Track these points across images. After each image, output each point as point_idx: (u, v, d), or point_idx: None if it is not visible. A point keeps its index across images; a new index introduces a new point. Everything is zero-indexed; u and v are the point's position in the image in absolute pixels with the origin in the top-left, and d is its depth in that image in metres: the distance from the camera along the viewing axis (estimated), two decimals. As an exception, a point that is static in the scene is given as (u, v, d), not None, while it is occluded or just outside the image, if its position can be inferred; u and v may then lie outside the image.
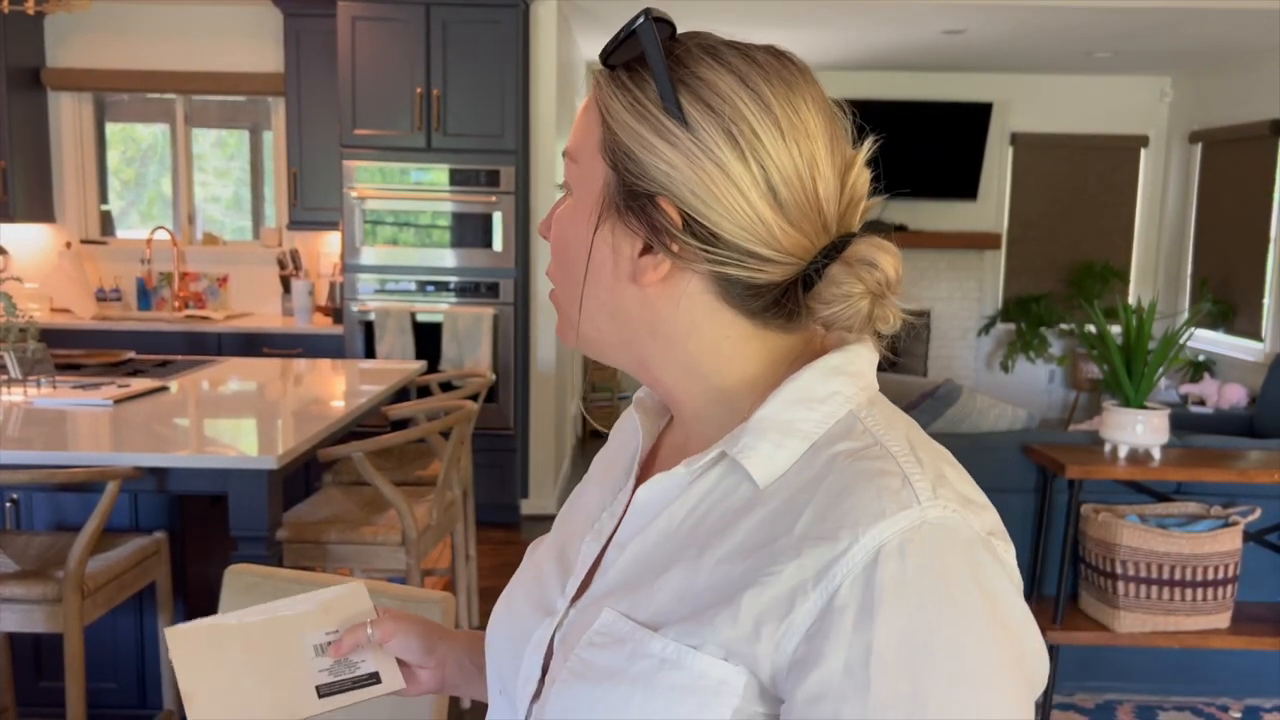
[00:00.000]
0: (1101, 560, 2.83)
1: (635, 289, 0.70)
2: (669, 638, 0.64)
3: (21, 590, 2.12)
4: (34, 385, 2.86)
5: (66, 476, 2.12)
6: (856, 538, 0.61)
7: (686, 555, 0.68)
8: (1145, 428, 2.83)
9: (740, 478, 0.68)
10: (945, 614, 0.59)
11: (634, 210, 0.69)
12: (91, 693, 2.34)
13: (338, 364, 3.79)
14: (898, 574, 0.60)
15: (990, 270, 7.35)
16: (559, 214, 0.75)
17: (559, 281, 0.76)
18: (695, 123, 0.67)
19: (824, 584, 0.61)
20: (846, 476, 0.64)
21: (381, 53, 4.49)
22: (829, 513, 0.63)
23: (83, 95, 5.21)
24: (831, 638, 0.60)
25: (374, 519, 2.70)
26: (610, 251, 0.71)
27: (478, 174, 4.53)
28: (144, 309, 5.18)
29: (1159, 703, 3.16)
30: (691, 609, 0.65)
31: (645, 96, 0.68)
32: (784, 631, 0.61)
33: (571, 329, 0.75)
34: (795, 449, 0.67)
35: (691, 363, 0.72)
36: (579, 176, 0.73)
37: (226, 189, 5.67)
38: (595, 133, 0.71)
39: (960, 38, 5.76)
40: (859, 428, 0.68)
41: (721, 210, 0.67)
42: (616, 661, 0.66)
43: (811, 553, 0.62)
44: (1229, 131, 6.32)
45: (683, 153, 0.67)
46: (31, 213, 5.03)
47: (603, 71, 0.72)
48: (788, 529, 0.64)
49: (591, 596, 0.73)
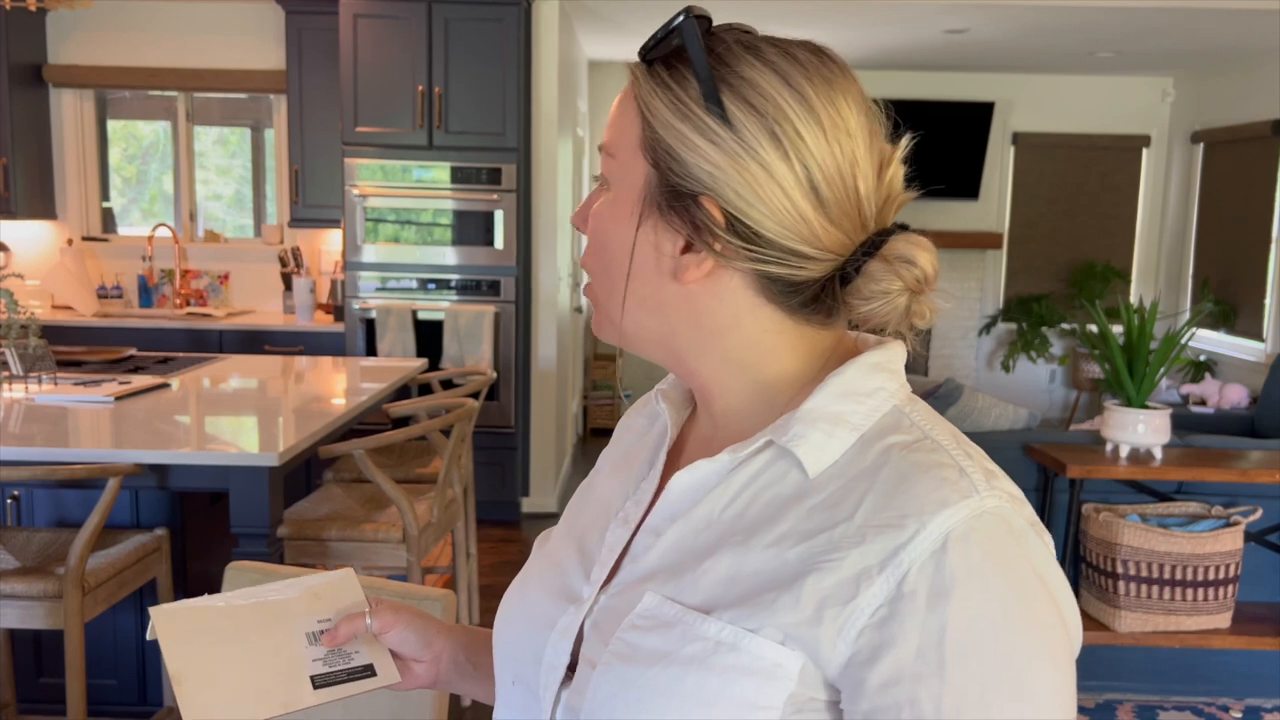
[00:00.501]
0: (1102, 560, 2.83)
1: (677, 285, 0.71)
2: (724, 620, 0.65)
3: (22, 586, 2.12)
4: (35, 382, 2.86)
5: (67, 473, 2.12)
6: (923, 524, 0.62)
7: (732, 541, 0.69)
8: (1147, 427, 2.83)
9: (787, 466, 0.70)
10: (1010, 596, 0.62)
11: (676, 209, 0.70)
12: (92, 689, 2.34)
13: (339, 361, 3.79)
14: (965, 559, 0.62)
15: (991, 270, 7.34)
16: (597, 209, 0.75)
17: (598, 276, 0.75)
18: (738, 122, 0.67)
19: (891, 569, 0.62)
20: (904, 467, 0.66)
21: (383, 50, 4.49)
22: (891, 501, 0.64)
23: (84, 92, 5.21)
24: (903, 622, 0.61)
25: (375, 516, 2.70)
26: (653, 249, 0.71)
27: (479, 172, 4.53)
28: (145, 306, 5.18)
29: (1159, 702, 3.16)
30: (743, 593, 0.66)
31: (687, 95, 0.68)
32: (848, 616, 0.62)
33: (611, 324, 0.75)
34: (845, 439, 0.69)
35: (731, 356, 0.73)
36: (617, 172, 0.72)
37: (228, 186, 5.67)
38: (634, 129, 0.71)
39: (962, 37, 5.75)
40: (905, 422, 0.70)
41: (765, 210, 0.68)
42: (667, 644, 0.66)
43: (876, 539, 0.63)
44: (1231, 132, 6.31)
45: (726, 153, 0.67)
46: (33, 209, 5.03)
47: (640, 66, 0.71)
48: (847, 516, 0.65)
49: (625, 582, 0.73)
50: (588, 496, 0.87)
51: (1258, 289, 6.00)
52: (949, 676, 0.60)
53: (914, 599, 0.61)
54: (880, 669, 0.61)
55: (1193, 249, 6.80)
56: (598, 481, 0.87)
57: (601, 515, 0.81)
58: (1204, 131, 6.62)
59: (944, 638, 0.60)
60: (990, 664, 0.60)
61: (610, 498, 0.82)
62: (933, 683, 0.60)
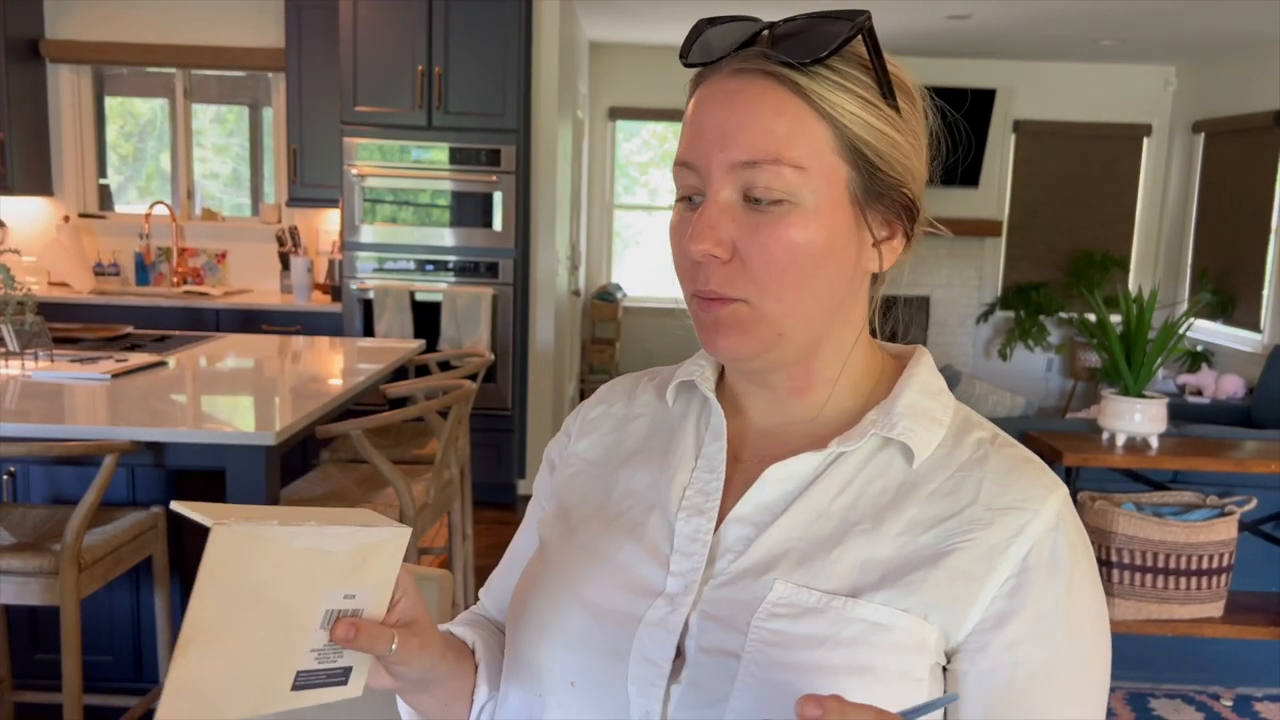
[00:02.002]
0: (1097, 548, 2.84)
1: (852, 282, 0.75)
2: (875, 603, 0.70)
3: (18, 563, 2.12)
4: (31, 358, 2.86)
5: (64, 450, 2.12)
6: (1042, 506, 0.73)
7: (858, 529, 0.73)
8: (1143, 417, 2.84)
9: (889, 457, 0.76)
10: (1093, 567, 0.75)
11: (878, 206, 0.74)
12: (87, 666, 2.34)
13: (336, 342, 3.78)
14: (1070, 535, 0.73)
15: (990, 258, 7.34)
16: (784, 230, 0.70)
17: (777, 294, 0.72)
18: (907, 114, 0.73)
19: (1018, 544, 0.71)
20: (1005, 460, 0.75)
21: (383, 29, 4.46)
22: (1007, 487, 0.74)
23: (82, 68, 5.18)
24: (1029, 591, 0.71)
25: (371, 497, 2.70)
26: (855, 248, 0.74)
27: (478, 153, 4.51)
28: (142, 284, 5.17)
29: (1151, 690, 3.17)
30: (883, 576, 0.71)
31: (868, 93, 0.71)
32: (982, 587, 0.71)
33: (768, 332, 0.73)
34: (939, 433, 0.77)
35: (844, 349, 0.78)
36: (807, 181, 0.70)
37: (225, 165, 5.65)
38: (820, 135, 0.70)
39: (965, 23, 5.73)
40: (975, 418, 0.80)
41: (922, 193, 0.76)
42: (822, 628, 0.70)
43: (1004, 520, 0.72)
44: (1232, 122, 6.30)
45: (910, 144, 0.74)
46: (30, 186, 5.01)
47: (801, 71, 0.70)
48: (970, 501, 0.73)
49: (735, 573, 0.74)
50: (595, 484, 0.85)
51: (1256, 280, 6.00)
52: (1060, 637, 0.71)
53: (1037, 571, 0.71)
54: (1007, 631, 0.70)
55: (1192, 239, 6.79)
56: (598, 470, 0.86)
57: (643, 506, 0.80)
58: (1205, 121, 6.60)
59: (1061, 603, 0.71)
60: (1094, 623, 0.73)
61: (641, 488, 0.81)
62: (1051, 641, 0.70)
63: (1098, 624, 0.73)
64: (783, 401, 0.79)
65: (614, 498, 0.83)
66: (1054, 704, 0.71)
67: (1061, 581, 0.71)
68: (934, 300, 7.37)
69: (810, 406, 0.78)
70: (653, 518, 0.79)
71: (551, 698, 0.77)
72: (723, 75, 0.72)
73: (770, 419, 0.79)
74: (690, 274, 0.74)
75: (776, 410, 0.79)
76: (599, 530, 0.81)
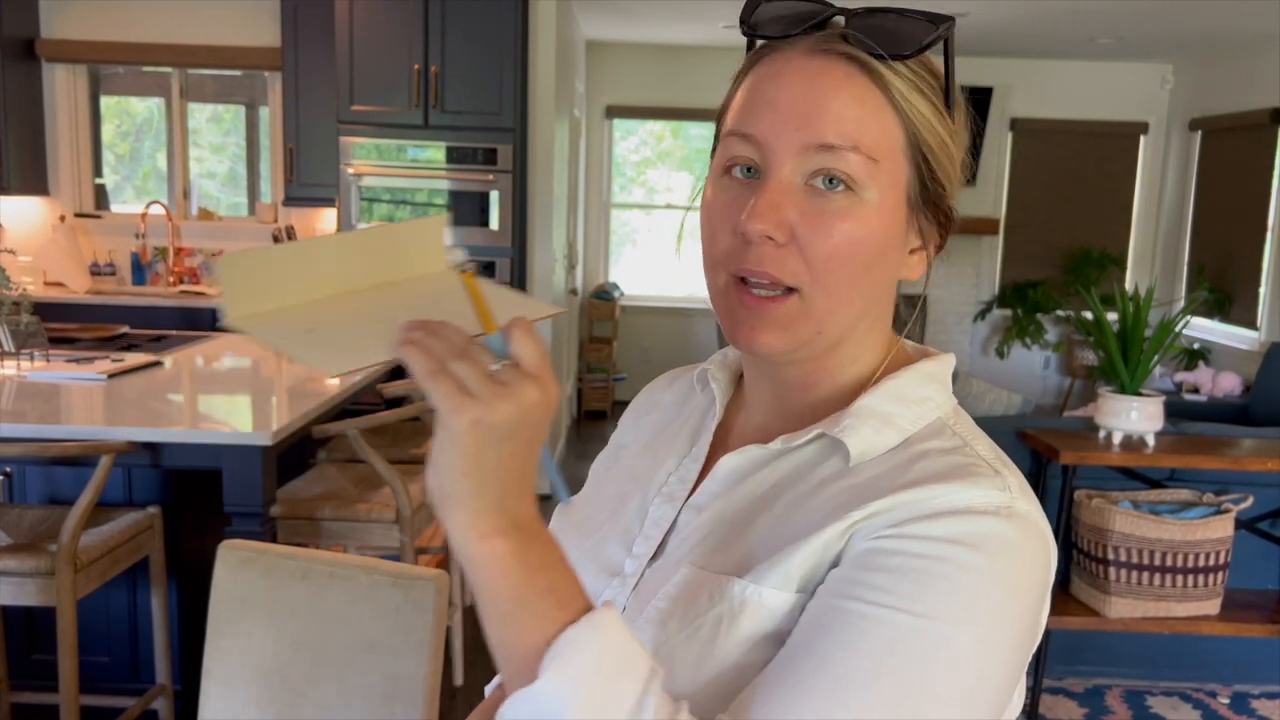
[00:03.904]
0: (1094, 546, 2.84)
1: (890, 287, 0.75)
2: (747, 580, 0.67)
3: (15, 563, 2.11)
4: (27, 358, 2.85)
5: (60, 450, 2.11)
6: (951, 493, 0.65)
7: (770, 515, 0.72)
8: (1140, 415, 2.84)
9: (831, 455, 0.72)
10: (1005, 579, 0.63)
11: (926, 211, 0.73)
12: (84, 667, 2.34)
13: (333, 341, 3.77)
14: (977, 528, 0.63)
15: (987, 256, 7.34)
16: (849, 221, 0.69)
17: (829, 287, 0.70)
18: (959, 123, 0.73)
19: (904, 509, 0.65)
20: (941, 465, 0.68)
21: (380, 28, 4.46)
22: (927, 479, 0.66)
23: (77, 68, 5.17)
24: (900, 531, 0.64)
25: (368, 496, 2.70)
26: (899, 253, 0.73)
27: (475, 152, 4.50)
28: (138, 284, 5.16)
29: (1148, 688, 3.18)
30: (767, 554, 0.68)
31: (938, 99, 0.71)
32: (850, 537, 0.66)
33: (810, 329, 0.71)
34: (890, 439, 0.71)
35: (859, 350, 0.76)
36: (876, 176, 0.69)
37: (222, 164, 5.64)
38: (896, 131, 0.70)
39: (962, 21, 5.69)
40: (948, 432, 0.72)
41: (954, 205, 0.75)
42: (697, 609, 0.68)
43: (898, 495, 0.66)
44: (1229, 119, 6.30)
45: (958, 155, 0.73)
46: (25, 185, 5.00)
47: (890, 67, 0.69)
48: (878, 494, 0.67)
49: (670, 556, 0.75)
50: (614, 469, 0.89)
51: (1252, 277, 6.01)
52: (909, 580, 0.62)
53: (914, 524, 0.64)
54: (857, 550, 0.65)
55: (1189, 237, 6.80)
56: (625, 455, 0.89)
57: (633, 489, 0.82)
58: (1202, 119, 6.60)
59: (927, 554, 0.62)
60: (945, 613, 0.61)
61: (641, 472, 0.84)
62: (890, 576, 0.62)
63: (976, 639, 0.62)
64: (785, 398, 0.78)
65: (617, 479, 0.86)
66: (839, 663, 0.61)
67: (941, 545, 0.62)
68: (931, 298, 7.37)
69: (809, 405, 0.77)
70: (635, 501, 0.81)
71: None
72: (800, 52, 0.69)
73: (768, 414, 0.79)
74: (737, 254, 0.70)
75: (777, 406, 0.79)
76: (595, 509, 0.85)
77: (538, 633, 0.57)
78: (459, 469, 0.56)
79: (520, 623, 0.58)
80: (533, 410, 0.57)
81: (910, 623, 0.61)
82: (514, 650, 0.58)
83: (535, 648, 0.57)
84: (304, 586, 1.36)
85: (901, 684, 0.60)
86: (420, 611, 1.31)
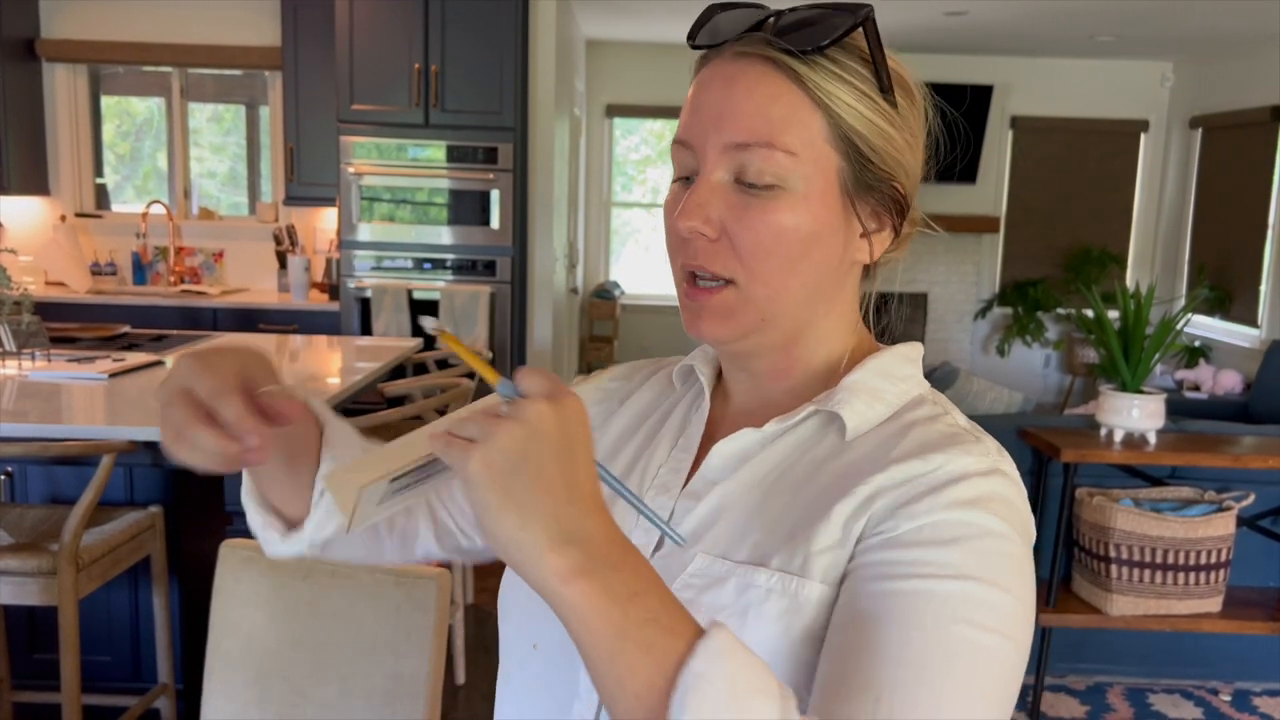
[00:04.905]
0: (1095, 544, 2.84)
1: (839, 271, 0.76)
2: (773, 569, 0.69)
3: (16, 563, 2.11)
4: (29, 358, 2.85)
5: (61, 450, 2.11)
6: (947, 462, 0.69)
7: (778, 499, 0.73)
8: (1141, 412, 2.84)
9: (826, 432, 0.76)
10: (1013, 528, 0.68)
11: (867, 197, 0.74)
12: (86, 666, 2.34)
13: (334, 340, 3.78)
14: (980, 490, 0.68)
15: (988, 254, 7.34)
16: (772, 214, 0.72)
17: (755, 272, 0.73)
18: (904, 110, 0.74)
19: (908, 486, 0.68)
20: (929, 433, 0.72)
21: (380, 27, 4.45)
22: (919, 450, 0.70)
23: (78, 67, 5.17)
24: (914, 510, 0.67)
25: (369, 496, 2.69)
26: (842, 238, 0.75)
27: (475, 151, 4.50)
28: (139, 283, 5.16)
29: (1149, 685, 3.18)
30: (784, 539, 0.70)
31: (866, 86, 0.72)
32: (865, 522, 0.68)
33: (753, 317, 0.74)
34: (881, 412, 0.75)
35: (827, 337, 0.79)
36: (801, 169, 0.72)
37: (222, 164, 5.64)
38: (815, 124, 0.72)
39: (962, 19, 5.73)
40: (929, 403, 0.77)
41: (915, 190, 0.76)
42: (721, 598, 0.70)
43: (899, 467, 0.69)
44: (1229, 117, 6.30)
45: (905, 139, 0.74)
46: (26, 185, 5.00)
47: (801, 61, 0.71)
48: (877, 467, 0.70)
49: (671, 545, 0.75)
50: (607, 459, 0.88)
51: (1253, 275, 6.01)
52: (940, 549, 0.65)
53: (926, 496, 0.67)
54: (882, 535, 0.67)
55: (1189, 235, 6.80)
56: (610, 447, 0.89)
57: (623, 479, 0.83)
58: (1203, 117, 6.60)
59: (947, 521, 0.66)
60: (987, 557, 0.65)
61: (624, 465, 0.84)
62: (922, 550, 0.65)
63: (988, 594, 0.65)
64: (763, 386, 0.81)
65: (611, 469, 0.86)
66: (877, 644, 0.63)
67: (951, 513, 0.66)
68: (932, 297, 7.37)
69: (787, 392, 0.79)
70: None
71: (516, 657, 0.82)
72: (724, 58, 0.74)
73: (751, 402, 0.81)
74: (679, 250, 0.75)
75: (757, 394, 0.81)
76: None
77: (651, 668, 0.55)
78: (493, 508, 0.56)
79: (627, 660, 0.55)
80: (539, 421, 0.57)
81: (958, 587, 0.64)
82: (627, 689, 0.55)
83: (652, 688, 0.55)
84: (306, 586, 1.36)
85: (973, 647, 0.63)
86: (422, 611, 1.31)
